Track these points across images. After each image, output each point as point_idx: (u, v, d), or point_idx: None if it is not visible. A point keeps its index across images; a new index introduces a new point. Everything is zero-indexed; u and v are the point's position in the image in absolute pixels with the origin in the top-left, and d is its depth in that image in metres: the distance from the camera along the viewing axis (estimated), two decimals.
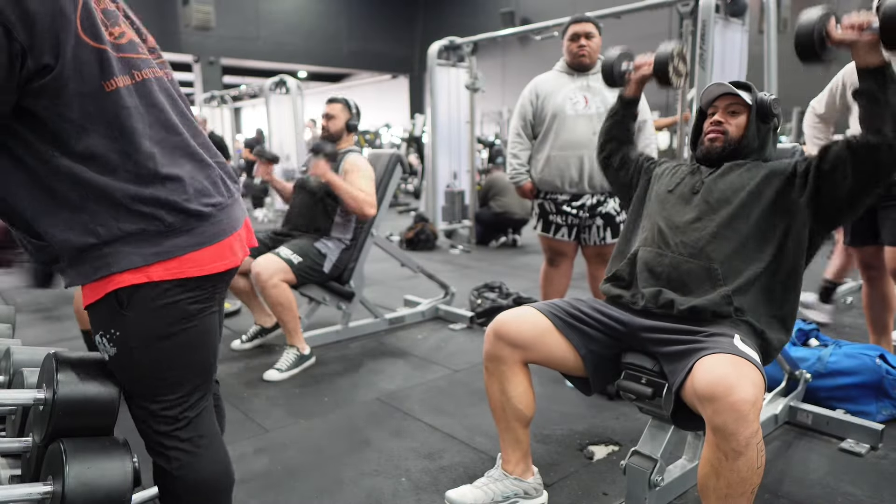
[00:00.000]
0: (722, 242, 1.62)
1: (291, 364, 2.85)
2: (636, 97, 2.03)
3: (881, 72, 1.44)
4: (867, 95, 1.47)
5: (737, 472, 1.29)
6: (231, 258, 1.18)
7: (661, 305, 1.60)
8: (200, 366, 1.25)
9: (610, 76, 2.03)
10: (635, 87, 2.01)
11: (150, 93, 1.12)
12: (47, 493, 1.21)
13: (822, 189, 1.58)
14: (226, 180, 1.20)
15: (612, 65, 2.02)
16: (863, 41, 1.43)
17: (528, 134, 2.84)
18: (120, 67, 1.07)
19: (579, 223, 2.78)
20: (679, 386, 1.43)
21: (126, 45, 1.10)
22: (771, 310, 1.62)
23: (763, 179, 1.65)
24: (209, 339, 1.24)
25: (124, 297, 1.12)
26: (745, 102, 1.74)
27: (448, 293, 3.85)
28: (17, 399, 1.37)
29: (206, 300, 1.19)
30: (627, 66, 2.01)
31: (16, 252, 1.70)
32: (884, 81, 1.44)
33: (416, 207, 8.86)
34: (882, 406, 2.25)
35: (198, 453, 1.27)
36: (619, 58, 2.02)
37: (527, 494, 1.74)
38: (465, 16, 15.85)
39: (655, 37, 1.96)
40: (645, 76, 1.96)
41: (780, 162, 1.70)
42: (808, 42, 1.50)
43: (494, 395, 1.72)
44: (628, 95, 2.02)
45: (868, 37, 1.43)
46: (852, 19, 1.45)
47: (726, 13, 4.13)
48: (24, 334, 3.54)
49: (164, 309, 1.14)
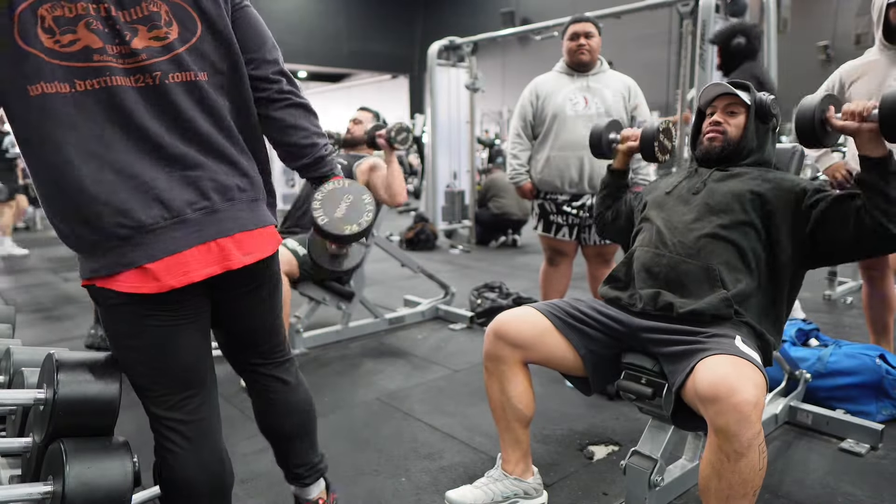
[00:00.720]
0: (720, 244, 1.61)
1: None
2: (625, 168, 2.07)
3: (883, 164, 1.42)
4: (868, 186, 1.45)
5: (738, 473, 1.29)
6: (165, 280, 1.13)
7: (660, 308, 1.60)
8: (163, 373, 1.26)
9: (598, 145, 2.08)
10: (623, 158, 2.05)
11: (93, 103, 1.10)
12: (47, 493, 1.22)
13: (820, 235, 1.56)
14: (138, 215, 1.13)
15: (599, 134, 2.06)
16: (864, 130, 1.42)
17: (528, 134, 2.84)
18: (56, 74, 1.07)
19: (580, 223, 2.78)
20: (680, 386, 1.43)
21: (75, 53, 1.07)
22: (768, 311, 1.62)
23: (768, 193, 1.62)
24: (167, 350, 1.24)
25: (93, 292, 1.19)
26: (744, 102, 1.74)
27: (448, 293, 3.85)
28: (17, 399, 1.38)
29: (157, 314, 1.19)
30: (615, 136, 2.05)
31: None
32: (886, 174, 1.42)
33: (416, 207, 8.86)
34: (882, 406, 2.25)
35: (178, 453, 1.31)
36: (608, 128, 2.06)
37: (527, 494, 1.74)
38: (465, 16, 15.85)
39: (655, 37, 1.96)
40: (632, 148, 2.01)
41: (786, 178, 1.66)
42: (810, 128, 1.50)
43: (494, 394, 1.72)
44: (617, 167, 2.07)
45: (869, 126, 1.41)
46: (852, 107, 1.44)
47: (726, 13, 4.13)
48: (24, 334, 3.54)
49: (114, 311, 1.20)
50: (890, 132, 1.38)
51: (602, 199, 2.11)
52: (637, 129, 2.02)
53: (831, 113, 1.49)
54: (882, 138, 1.41)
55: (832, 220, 1.53)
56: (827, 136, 1.51)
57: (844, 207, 1.51)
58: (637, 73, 2.95)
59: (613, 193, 2.08)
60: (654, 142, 1.93)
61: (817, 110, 1.49)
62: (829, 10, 10.49)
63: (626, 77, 2.81)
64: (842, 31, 10.26)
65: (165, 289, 1.14)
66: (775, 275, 1.63)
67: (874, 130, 1.41)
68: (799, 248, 1.60)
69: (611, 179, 2.09)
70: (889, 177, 1.42)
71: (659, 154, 1.94)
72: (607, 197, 2.09)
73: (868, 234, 1.47)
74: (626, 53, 9.06)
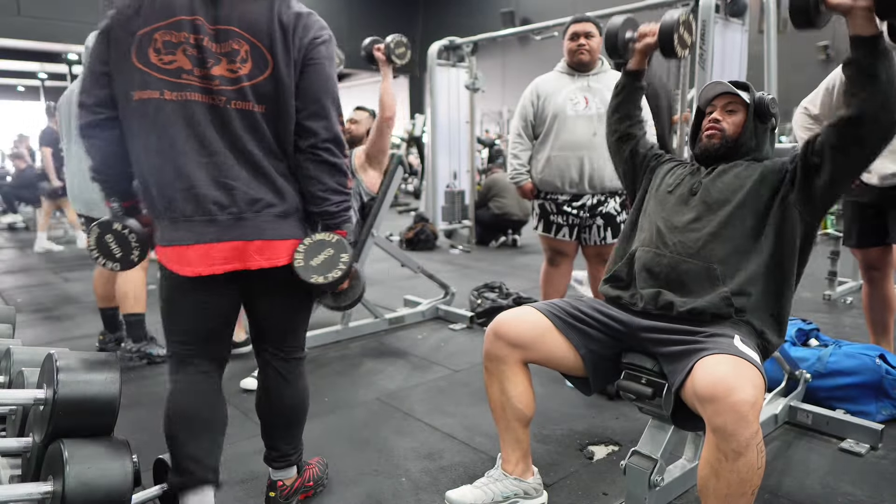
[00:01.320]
0: (720, 242, 1.62)
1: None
2: (641, 68, 1.97)
3: (873, 42, 1.41)
4: (856, 65, 1.44)
5: (737, 472, 1.29)
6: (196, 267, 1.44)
7: (661, 307, 1.60)
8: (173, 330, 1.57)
9: (614, 46, 1.95)
10: (640, 57, 1.94)
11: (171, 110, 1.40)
12: (47, 493, 1.22)
13: (809, 175, 1.57)
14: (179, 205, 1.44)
15: (615, 33, 1.94)
16: (858, 7, 1.40)
17: (529, 134, 2.84)
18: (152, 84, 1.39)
19: (580, 223, 2.78)
20: (679, 386, 1.43)
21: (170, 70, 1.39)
22: (769, 309, 1.62)
23: (759, 178, 1.65)
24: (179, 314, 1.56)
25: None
26: (744, 101, 1.74)
27: (448, 293, 3.85)
28: (17, 399, 1.38)
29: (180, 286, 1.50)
30: (632, 34, 1.93)
31: None
32: (875, 53, 1.41)
33: (416, 207, 8.86)
34: (882, 406, 2.25)
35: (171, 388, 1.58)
36: (623, 26, 1.94)
37: (527, 494, 1.74)
38: (465, 16, 15.85)
39: None
40: (649, 46, 1.89)
41: (775, 161, 1.70)
42: (804, 6, 1.47)
43: (494, 394, 1.72)
44: (633, 67, 1.97)
45: (864, 2, 1.39)
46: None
47: (726, 13, 4.13)
48: (24, 334, 3.54)
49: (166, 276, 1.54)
50: (882, 8, 1.37)
51: (616, 105, 2.02)
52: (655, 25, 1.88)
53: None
54: (874, 17, 1.40)
55: (813, 149, 1.55)
56: (820, 15, 1.48)
57: (818, 136, 1.55)
58: None
59: (629, 96, 2.00)
60: (673, 35, 1.81)
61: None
62: None
63: None
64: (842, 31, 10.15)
65: (195, 274, 1.44)
66: (780, 256, 1.62)
67: (868, 7, 1.40)
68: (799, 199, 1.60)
69: (626, 81, 1.99)
70: (878, 55, 1.41)
71: (678, 48, 1.83)
72: (622, 103, 2.01)
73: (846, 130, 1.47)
74: None
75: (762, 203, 1.63)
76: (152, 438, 2.25)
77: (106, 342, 3.27)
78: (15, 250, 7.14)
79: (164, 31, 1.38)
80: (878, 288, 2.62)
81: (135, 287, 3.05)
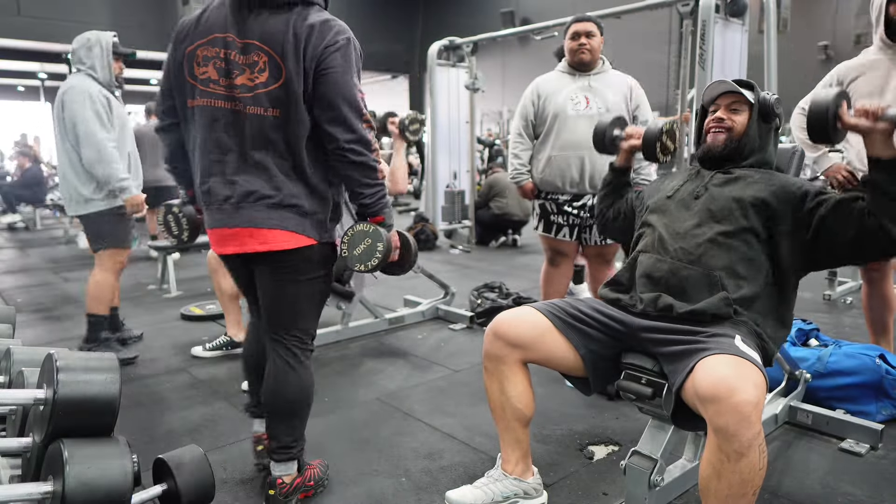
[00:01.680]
0: (722, 250, 1.61)
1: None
2: (627, 166, 2.08)
3: (893, 165, 1.41)
4: (875, 187, 1.44)
5: (738, 473, 1.29)
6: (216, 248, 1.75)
7: (660, 309, 1.60)
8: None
9: (601, 142, 2.08)
10: (625, 156, 2.06)
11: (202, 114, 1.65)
12: (47, 493, 1.22)
13: (822, 238, 1.56)
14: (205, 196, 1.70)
15: (604, 131, 2.06)
16: (877, 130, 1.41)
17: (530, 134, 2.84)
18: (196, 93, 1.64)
19: (580, 223, 2.78)
20: (679, 386, 1.43)
21: (203, 80, 1.63)
22: (770, 313, 1.62)
23: (770, 198, 1.62)
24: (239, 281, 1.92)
25: None
26: (748, 101, 1.74)
27: (448, 293, 3.85)
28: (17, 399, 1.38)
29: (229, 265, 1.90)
30: (619, 133, 2.05)
31: None
32: (894, 175, 1.41)
33: (416, 207, 8.86)
34: (882, 406, 2.25)
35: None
36: (612, 124, 2.07)
37: (527, 494, 1.74)
38: (465, 16, 15.84)
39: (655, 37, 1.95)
40: (634, 147, 2.01)
41: (789, 181, 1.66)
42: (822, 124, 1.48)
43: (494, 394, 1.72)
44: (619, 165, 2.07)
45: (882, 126, 1.40)
46: (866, 105, 1.42)
47: (726, 13, 4.13)
48: (24, 334, 3.55)
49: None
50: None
51: (603, 196, 2.11)
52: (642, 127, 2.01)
53: (844, 109, 1.47)
54: (892, 139, 1.41)
55: (834, 222, 1.52)
56: (837, 133, 1.50)
57: (847, 210, 1.50)
58: (637, 73, 2.94)
59: (615, 191, 2.08)
60: (656, 142, 1.93)
61: (832, 105, 1.46)
62: (829, 10, 10.49)
63: (627, 77, 2.80)
64: (842, 31, 10.26)
65: (217, 253, 1.78)
66: (779, 279, 1.63)
67: (888, 131, 1.40)
68: (800, 251, 1.60)
69: (613, 177, 2.08)
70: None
71: (660, 155, 1.95)
72: (609, 195, 2.09)
73: (870, 237, 1.46)
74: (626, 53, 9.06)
75: (768, 223, 1.62)
76: (152, 438, 2.25)
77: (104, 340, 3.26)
78: (15, 250, 7.14)
79: (203, 47, 1.62)
80: (877, 288, 2.62)
81: (99, 289, 3.05)
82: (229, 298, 3.16)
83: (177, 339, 3.45)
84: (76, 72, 2.99)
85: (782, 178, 1.68)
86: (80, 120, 2.85)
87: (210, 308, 3.99)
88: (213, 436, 2.27)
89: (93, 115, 2.86)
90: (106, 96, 2.94)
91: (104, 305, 3.09)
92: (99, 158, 2.85)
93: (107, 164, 2.86)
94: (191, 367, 3.01)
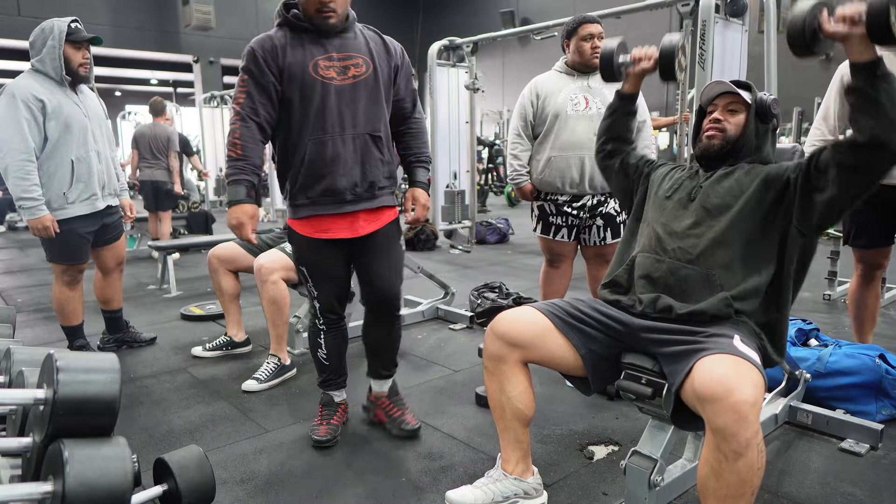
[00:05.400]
0: (720, 249, 1.61)
1: (271, 375, 2.76)
2: (635, 92, 1.97)
3: (872, 68, 1.40)
4: (858, 92, 1.43)
5: (737, 473, 1.29)
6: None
7: (659, 310, 1.60)
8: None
9: (609, 69, 1.93)
10: (635, 81, 1.94)
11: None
12: (47, 493, 1.22)
13: (809, 190, 1.55)
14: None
15: (610, 57, 1.92)
16: (855, 34, 1.39)
17: (529, 134, 2.83)
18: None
19: (579, 223, 2.78)
20: (679, 386, 1.43)
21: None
22: (769, 313, 1.62)
23: (761, 185, 1.63)
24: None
25: None
26: (745, 101, 1.74)
27: (448, 293, 3.85)
28: (17, 399, 1.38)
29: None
30: (625, 59, 1.92)
31: None
32: (874, 78, 1.40)
33: None
34: (882, 406, 2.25)
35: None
36: (618, 50, 1.92)
37: (527, 494, 1.74)
38: (465, 16, 15.85)
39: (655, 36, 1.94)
40: (646, 70, 1.88)
41: (777, 165, 1.67)
42: (800, 34, 1.46)
43: (494, 394, 1.72)
44: (627, 91, 1.96)
45: (860, 30, 1.38)
46: (845, 11, 1.40)
47: (726, 13, 4.13)
48: (24, 334, 3.55)
49: None
50: (876, 33, 1.36)
51: (607, 126, 2.02)
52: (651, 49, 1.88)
53: (825, 17, 1.45)
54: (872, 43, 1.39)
55: (816, 165, 1.53)
56: (818, 44, 1.47)
57: (824, 152, 1.52)
58: None
59: (620, 120, 2.00)
60: (674, 59, 1.80)
61: (809, 14, 1.44)
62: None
63: None
64: None
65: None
66: (778, 276, 1.62)
67: (863, 34, 1.38)
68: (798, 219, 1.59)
69: (619, 104, 1.99)
70: (877, 81, 1.40)
71: (678, 72, 1.82)
72: (613, 124, 2.00)
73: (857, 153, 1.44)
74: None
75: (763, 210, 1.62)
76: (152, 438, 2.25)
77: (107, 342, 3.27)
78: (15, 250, 7.14)
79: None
80: (874, 287, 2.62)
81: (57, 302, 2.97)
82: (229, 298, 3.16)
83: (177, 339, 3.45)
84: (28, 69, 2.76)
85: (770, 165, 1.69)
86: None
87: (210, 308, 3.99)
88: (213, 436, 2.27)
89: (12, 121, 2.59)
90: (41, 98, 2.64)
91: (69, 318, 3.00)
92: (6, 172, 2.61)
93: (15, 178, 2.60)
94: (191, 367, 3.01)
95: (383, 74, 2.04)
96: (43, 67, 2.71)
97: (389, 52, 2.09)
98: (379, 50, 2.06)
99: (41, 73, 2.72)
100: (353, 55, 1.99)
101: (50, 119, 2.68)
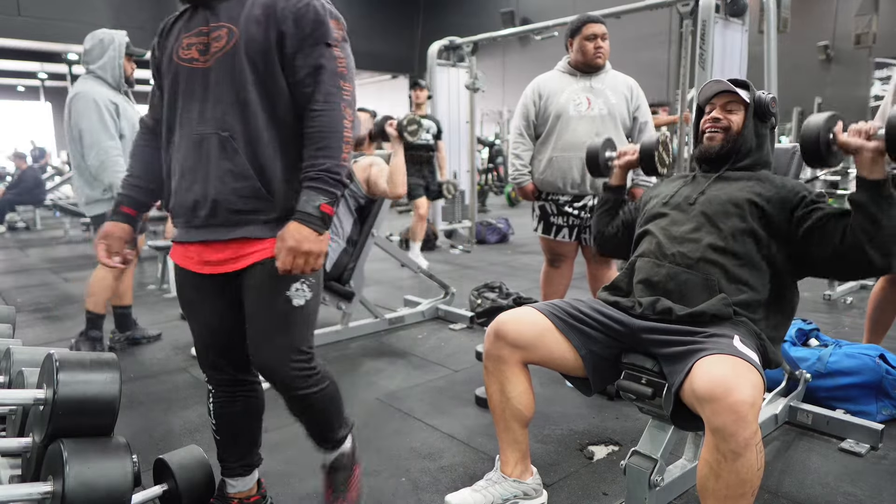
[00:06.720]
0: (719, 254, 1.61)
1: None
2: (622, 184, 2.10)
3: (878, 187, 1.44)
4: (861, 208, 1.47)
5: (736, 473, 1.29)
6: None
7: (659, 312, 1.60)
8: None
9: (596, 165, 2.11)
10: (621, 174, 2.09)
11: None
12: (47, 493, 1.22)
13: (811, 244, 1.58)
14: None
15: (596, 154, 2.10)
16: (868, 147, 1.43)
17: (531, 134, 2.83)
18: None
19: (580, 223, 2.78)
20: (678, 387, 1.43)
21: None
22: (769, 316, 1.62)
23: (766, 200, 1.63)
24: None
25: None
26: (743, 100, 1.74)
27: (448, 293, 3.85)
28: (17, 399, 1.38)
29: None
30: (611, 154, 2.10)
31: None
32: (879, 198, 1.44)
33: None
34: (882, 406, 2.25)
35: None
36: (603, 147, 2.11)
37: (526, 495, 1.74)
38: (465, 16, 15.84)
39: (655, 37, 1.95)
40: (630, 163, 2.07)
41: (787, 184, 1.67)
42: (815, 144, 1.51)
43: (494, 395, 1.72)
44: (615, 183, 2.10)
45: (874, 144, 1.43)
46: (860, 126, 1.46)
47: (726, 13, 4.14)
48: (24, 334, 3.55)
49: None
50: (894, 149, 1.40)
51: (601, 215, 2.11)
52: (634, 145, 2.08)
53: (839, 128, 1.50)
54: (883, 160, 1.44)
55: (820, 236, 1.55)
56: (832, 154, 1.53)
57: (832, 226, 1.54)
58: (637, 73, 2.94)
59: (612, 209, 2.09)
60: (654, 154, 2.00)
61: (824, 125, 1.51)
62: (829, 10, 10.48)
63: (627, 78, 2.79)
64: (842, 31, 10.25)
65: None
66: (777, 281, 1.63)
67: (878, 149, 1.43)
68: (789, 255, 1.62)
69: (610, 195, 2.10)
70: (881, 201, 1.44)
71: (659, 166, 2.02)
72: (607, 213, 2.10)
73: (848, 254, 1.50)
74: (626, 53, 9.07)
75: (764, 222, 1.63)
76: (152, 438, 2.25)
77: (116, 341, 3.28)
78: (15, 250, 7.14)
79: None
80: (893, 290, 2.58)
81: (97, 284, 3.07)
82: None
83: (177, 339, 3.45)
84: (85, 74, 3.01)
85: (780, 181, 1.68)
86: (85, 129, 2.89)
87: None
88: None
89: (98, 123, 2.88)
90: (114, 101, 2.95)
91: (99, 303, 3.08)
92: (104, 167, 2.89)
93: (112, 173, 2.88)
94: (191, 367, 3.01)
95: (252, 45, 1.38)
96: (104, 74, 2.98)
97: (270, 12, 1.38)
98: (253, 12, 1.39)
99: (101, 80, 2.98)
100: (223, 24, 1.41)
101: (121, 119, 2.98)
